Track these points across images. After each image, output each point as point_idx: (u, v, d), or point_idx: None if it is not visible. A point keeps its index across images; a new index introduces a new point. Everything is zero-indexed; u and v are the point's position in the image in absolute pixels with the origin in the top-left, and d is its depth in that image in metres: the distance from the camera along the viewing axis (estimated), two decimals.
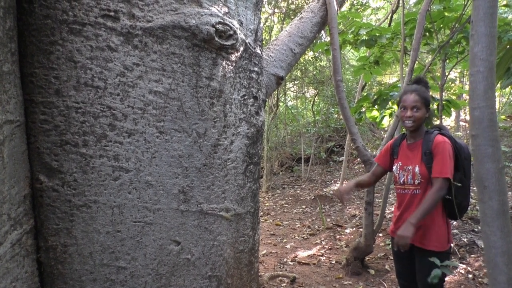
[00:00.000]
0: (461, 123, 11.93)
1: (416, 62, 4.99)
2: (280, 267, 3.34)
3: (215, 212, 1.93)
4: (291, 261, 3.55)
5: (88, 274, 1.59)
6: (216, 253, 1.96)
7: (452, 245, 2.23)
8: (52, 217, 1.54)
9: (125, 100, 1.62)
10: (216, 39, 1.81)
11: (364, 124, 10.16)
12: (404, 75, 3.66)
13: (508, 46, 2.63)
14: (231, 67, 1.97)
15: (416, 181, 2.09)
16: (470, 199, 2.20)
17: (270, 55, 2.73)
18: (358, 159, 10.78)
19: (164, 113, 1.71)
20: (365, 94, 4.79)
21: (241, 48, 2.02)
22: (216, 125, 1.90)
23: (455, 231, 4.27)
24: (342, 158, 11.03)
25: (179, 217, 1.79)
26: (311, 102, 12.01)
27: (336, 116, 12.49)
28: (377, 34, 3.95)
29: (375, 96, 4.14)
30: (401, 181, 2.18)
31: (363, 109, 4.51)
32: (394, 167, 2.25)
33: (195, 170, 1.83)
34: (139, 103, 1.65)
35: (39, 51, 1.51)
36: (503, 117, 10.10)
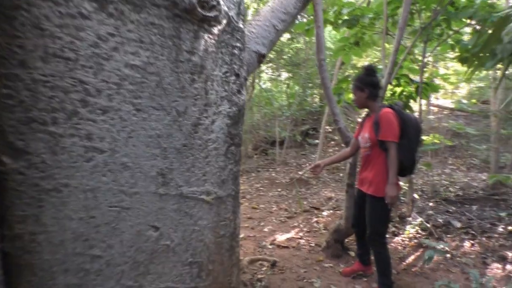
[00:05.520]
0: (431, 107, 12.19)
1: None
2: (259, 251, 3.30)
3: (195, 196, 1.85)
4: (270, 244, 3.52)
5: (60, 264, 1.47)
6: (197, 239, 1.88)
7: (399, 193, 2.68)
8: (18, 202, 1.41)
9: (99, 73, 1.49)
10: (199, 9, 1.70)
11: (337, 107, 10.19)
12: (386, 56, 3.64)
13: (492, 29, 2.62)
14: (213, 41, 1.86)
15: (367, 144, 2.67)
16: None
17: (252, 31, 2.62)
18: (333, 142, 10.87)
19: (141, 89, 1.59)
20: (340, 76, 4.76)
21: (224, 21, 1.92)
22: (197, 103, 1.80)
23: (430, 212, 4.36)
24: (317, 141, 11.11)
25: (157, 201, 1.70)
26: (286, 85, 11.95)
27: (309, 99, 12.50)
28: (359, 14, 3.89)
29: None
30: (361, 145, 2.79)
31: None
32: (359, 136, 2.83)
33: (175, 151, 1.73)
34: (114, 77, 1.52)
35: (0, 17, 1.36)
36: (473, 101, 10.37)
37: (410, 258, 3.15)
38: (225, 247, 2.10)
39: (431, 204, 4.65)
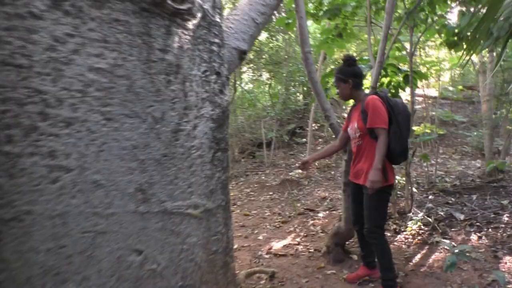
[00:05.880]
0: (417, 98, 12.22)
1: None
2: (256, 262, 3.13)
3: (181, 211, 1.67)
4: (267, 253, 3.35)
5: None
6: (187, 259, 1.71)
7: (394, 182, 2.71)
8: None
9: (59, 81, 1.31)
10: (169, 1, 1.53)
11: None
12: (373, 44, 3.52)
13: (487, 7, 2.50)
14: (189, 37, 1.70)
15: (357, 134, 2.64)
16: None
17: (230, 26, 2.46)
18: (321, 139, 10.78)
19: (110, 95, 1.42)
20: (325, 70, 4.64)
21: (199, 15, 1.76)
22: (176, 107, 1.63)
23: (429, 205, 4.25)
24: (304, 139, 11.00)
25: (138, 220, 1.52)
26: (268, 85, 11.83)
27: (293, 98, 12.39)
28: (341, 3, 3.77)
29: None
30: (351, 137, 2.74)
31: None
32: (348, 129, 2.78)
33: (154, 163, 1.56)
34: (77, 84, 1.35)
35: None
36: (460, 87, 10.39)
37: (417, 257, 3.02)
38: (219, 264, 1.93)
39: (430, 197, 4.55)
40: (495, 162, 5.48)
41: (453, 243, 3.21)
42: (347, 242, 3.22)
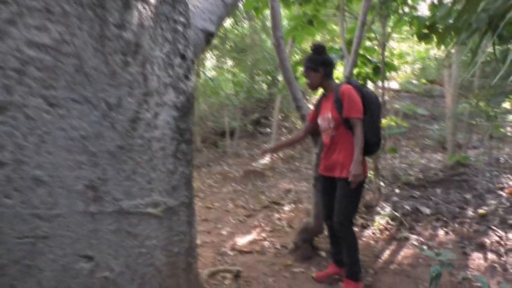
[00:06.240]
0: (379, 90, 12.40)
1: (355, 21, 4.81)
2: (219, 260, 2.98)
3: (139, 210, 1.50)
4: (231, 250, 3.21)
5: None
6: (145, 263, 1.54)
7: (367, 174, 2.61)
8: None
9: None
10: None
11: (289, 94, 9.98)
12: (345, 34, 3.43)
13: None
14: (150, 13, 1.52)
15: (331, 125, 2.54)
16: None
17: (196, 5, 2.27)
18: (285, 130, 10.72)
19: (54, 76, 1.22)
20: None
21: None
22: (134, 92, 1.45)
23: (395, 198, 4.26)
24: (269, 129, 10.91)
25: (88, 222, 1.34)
26: (231, 73, 11.62)
27: (257, 86, 12.25)
28: None
29: None
30: (323, 128, 2.64)
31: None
32: (319, 120, 2.68)
33: (108, 156, 1.37)
34: (13, 61, 1.14)
35: None
36: (423, 80, 10.62)
37: (386, 254, 2.98)
38: (181, 266, 1.78)
39: (397, 190, 4.56)
40: (457, 155, 5.59)
41: (421, 238, 3.21)
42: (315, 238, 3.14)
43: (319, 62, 2.56)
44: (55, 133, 1.23)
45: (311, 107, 3.18)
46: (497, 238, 3.07)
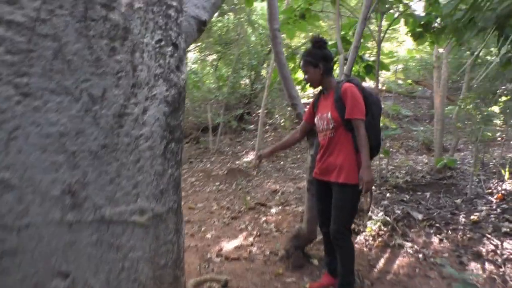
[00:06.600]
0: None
1: (349, 17, 4.71)
2: (205, 267, 2.82)
3: (123, 218, 1.34)
4: (217, 256, 3.04)
5: None
6: (129, 278, 1.38)
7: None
8: None
9: None
10: None
11: (275, 90, 9.87)
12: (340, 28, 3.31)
13: None
14: None
15: (330, 125, 2.41)
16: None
17: None
18: (268, 126, 10.59)
19: (28, 62, 1.04)
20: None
21: None
22: (121, 83, 1.28)
23: (385, 202, 4.18)
24: (251, 126, 10.77)
25: (65, 233, 1.17)
26: (214, 67, 11.43)
27: (242, 82, 12.09)
28: None
29: None
30: (320, 128, 2.50)
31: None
32: (316, 119, 2.56)
33: (89, 156, 1.20)
34: None
35: None
36: (409, 81, 10.64)
37: (381, 263, 2.88)
38: (168, 280, 1.62)
39: (387, 194, 4.48)
40: (445, 159, 5.57)
41: (415, 245, 3.13)
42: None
43: (319, 57, 2.43)
44: (27, 129, 1.05)
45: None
46: (493, 247, 3.01)
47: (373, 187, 4.48)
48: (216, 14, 9.87)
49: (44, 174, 1.10)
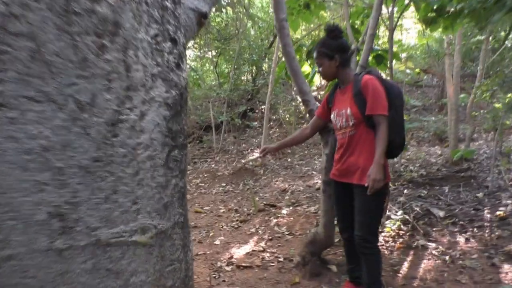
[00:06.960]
0: None
1: (356, 6, 4.53)
2: (215, 277, 2.68)
3: (123, 239, 1.19)
4: (227, 264, 2.89)
5: None
6: None
7: (389, 180, 2.36)
8: None
9: None
10: None
11: (278, 85, 9.70)
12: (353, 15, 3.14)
13: None
14: None
15: (350, 122, 2.26)
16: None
17: None
18: (272, 122, 10.43)
19: (1, 66, 0.89)
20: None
21: None
22: (113, 86, 1.13)
23: (402, 199, 4.02)
24: (255, 123, 10.61)
25: (55, 262, 1.02)
26: (214, 63, 11.28)
27: (244, 77, 11.93)
28: None
29: (310, 47, 3.59)
30: (338, 126, 2.36)
31: None
32: (332, 115, 2.41)
33: (80, 172, 1.06)
34: None
35: None
36: (417, 70, 10.45)
37: (405, 267, 2.72)
38: None
39: (404, 190, 4.31)
40: (461, 150, 5.39)
41: (440, 246, 2.96)
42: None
43: (334, 48, 2.27)
44: (3, 145, 0.91)
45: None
46: None
47: (391, 184, 4.31)
48: (213, 9, 9.71)
49: (26, 196, 0.95)
